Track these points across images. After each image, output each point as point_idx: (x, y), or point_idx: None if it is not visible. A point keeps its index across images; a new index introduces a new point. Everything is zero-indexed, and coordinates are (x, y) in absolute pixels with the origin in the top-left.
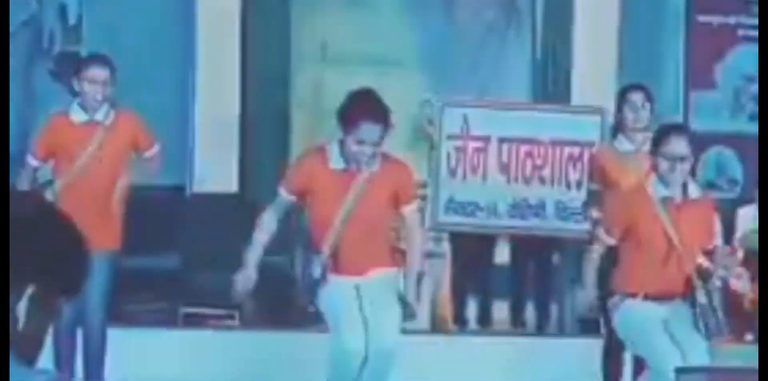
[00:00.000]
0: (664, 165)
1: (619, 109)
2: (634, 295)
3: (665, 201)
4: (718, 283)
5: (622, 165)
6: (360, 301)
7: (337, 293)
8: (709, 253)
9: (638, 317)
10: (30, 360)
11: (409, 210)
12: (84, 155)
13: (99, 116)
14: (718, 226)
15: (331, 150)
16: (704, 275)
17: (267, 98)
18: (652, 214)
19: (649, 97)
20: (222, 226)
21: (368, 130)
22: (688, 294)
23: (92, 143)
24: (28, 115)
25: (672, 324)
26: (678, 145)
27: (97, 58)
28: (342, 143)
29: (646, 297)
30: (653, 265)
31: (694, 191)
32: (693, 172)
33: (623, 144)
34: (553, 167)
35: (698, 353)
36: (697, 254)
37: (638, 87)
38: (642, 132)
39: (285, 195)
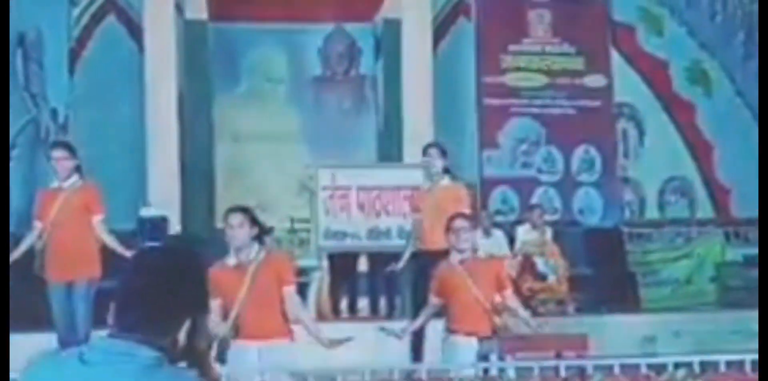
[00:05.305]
0: (451, 238)
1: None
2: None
3: (462, 262)
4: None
5: (423, 197)
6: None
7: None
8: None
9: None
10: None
11: (289, 291)
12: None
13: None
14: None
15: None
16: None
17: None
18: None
19: (443, 153)
20: None
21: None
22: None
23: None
24: (30, 187)
25: None
26: (461, 223)
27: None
28: None
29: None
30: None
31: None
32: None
33: (426, 184)
34: (395, 204)
35: None
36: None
37: (434, 145)
38: (436, 175)
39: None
